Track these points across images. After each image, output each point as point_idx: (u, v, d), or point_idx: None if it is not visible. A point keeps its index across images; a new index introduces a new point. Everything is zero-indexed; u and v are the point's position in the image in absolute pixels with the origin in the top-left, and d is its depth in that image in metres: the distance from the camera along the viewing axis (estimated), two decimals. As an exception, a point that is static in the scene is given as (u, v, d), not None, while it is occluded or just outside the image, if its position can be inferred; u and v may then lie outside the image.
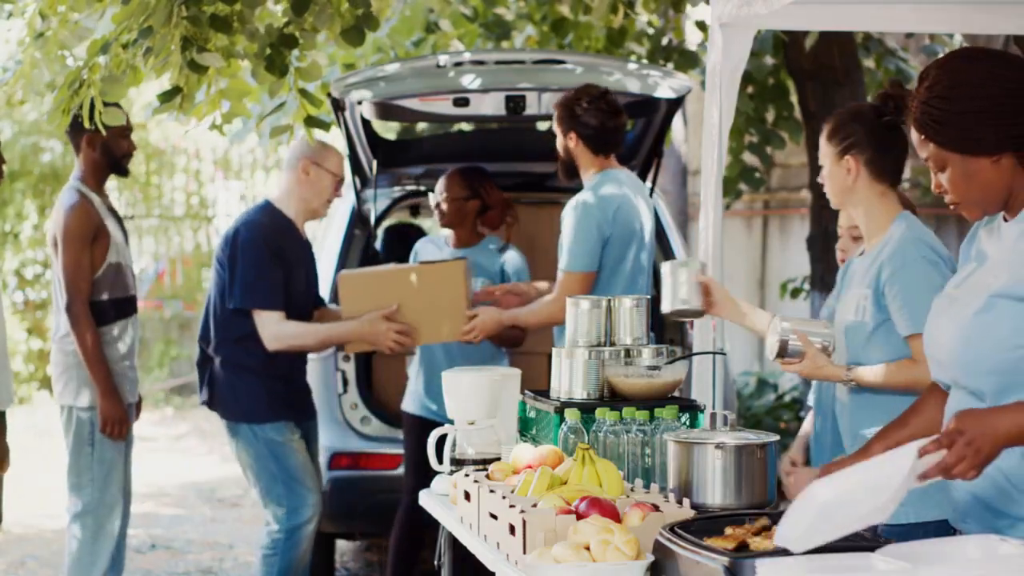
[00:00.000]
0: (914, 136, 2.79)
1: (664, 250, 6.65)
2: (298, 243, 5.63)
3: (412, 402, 5.93)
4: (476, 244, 6.05)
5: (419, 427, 5.75)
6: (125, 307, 5.59)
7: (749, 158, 8.83)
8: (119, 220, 5.73)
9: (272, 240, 5.49)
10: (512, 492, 3.35)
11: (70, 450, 5.50)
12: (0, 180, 5.18)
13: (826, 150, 3.79)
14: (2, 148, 5.45)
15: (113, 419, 5.42)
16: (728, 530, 2.74)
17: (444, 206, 5.97)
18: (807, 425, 4.26)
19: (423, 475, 5.66)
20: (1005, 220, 2.80)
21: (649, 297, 4.31)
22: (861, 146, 3.72)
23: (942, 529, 3.05)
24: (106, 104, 5.12)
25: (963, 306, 2.77)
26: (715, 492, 3.22)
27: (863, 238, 3.98)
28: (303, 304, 5.61)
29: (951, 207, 2.81)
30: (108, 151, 5.63)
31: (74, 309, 5.39)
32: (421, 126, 9.34)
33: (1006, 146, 2.70)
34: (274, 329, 5.44)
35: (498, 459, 3.83)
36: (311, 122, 5.69)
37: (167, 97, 5.29)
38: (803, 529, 2.51)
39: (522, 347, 6.37)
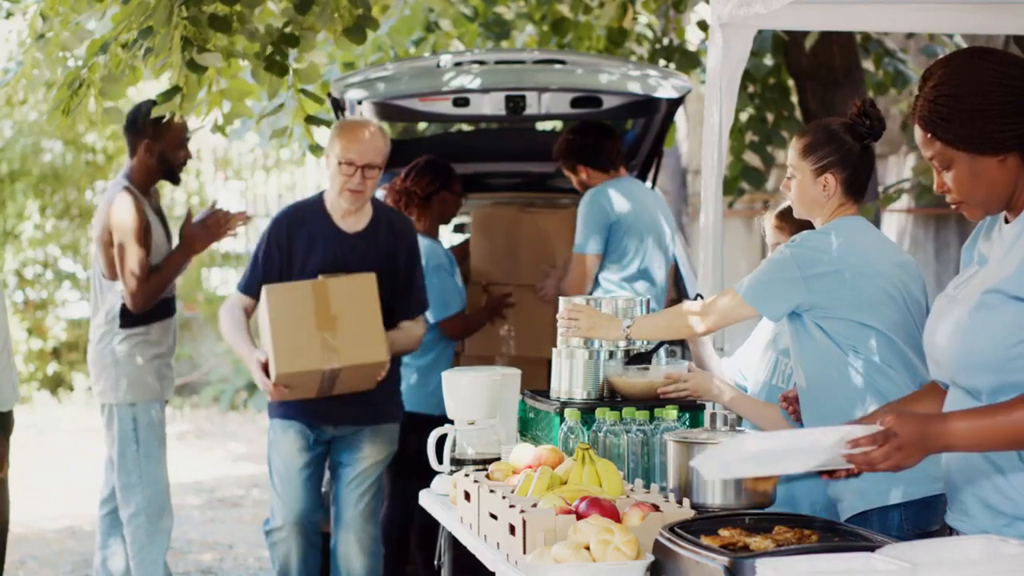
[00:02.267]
0: (918, 134, 2.78)
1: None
2: (326, 236, 5.20)
3: None
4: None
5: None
6: (164, 309, 5.61)
7: (750, 157, 8.83)
8: (164, 222, 5.73)
9: (281, 226, 5.23)
10: (512, 492, 3.35)
11: (117, 450, 5.52)
12: None
13: (800, 164, 3.72)
14: (2, 148, 5.48)
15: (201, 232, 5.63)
16: (723, 531, 2.74)
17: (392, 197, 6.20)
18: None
19: (409, 474, 5.71)
20: (1007, 222, 2.81)
21: (648, 299, 4.31)
22: (840, 166, 3.68)
23: (930, 506, 3.07)
24: (167, 114, 5.19)
25: (961, 305, 2.78)
26: (715, 492, 3.22)
27: None
28: None
29: (953, 207, 2.81)
30: (165, 159, 5.62)
31: (140, 295, 5.44)
32: (421, 126, 9.33)
33: (1012, 145, 2.71)
34: (224, 309, 5.23)
35: (498, 459, 3.83)
36: (311, 120, 5.69)
37: (167, 97, 5.29)
38: (721, 464, 2.72)
39: (522, 348, 6.38)
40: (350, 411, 5.20)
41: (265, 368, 4.97)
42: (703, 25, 8.39)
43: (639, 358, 4.14)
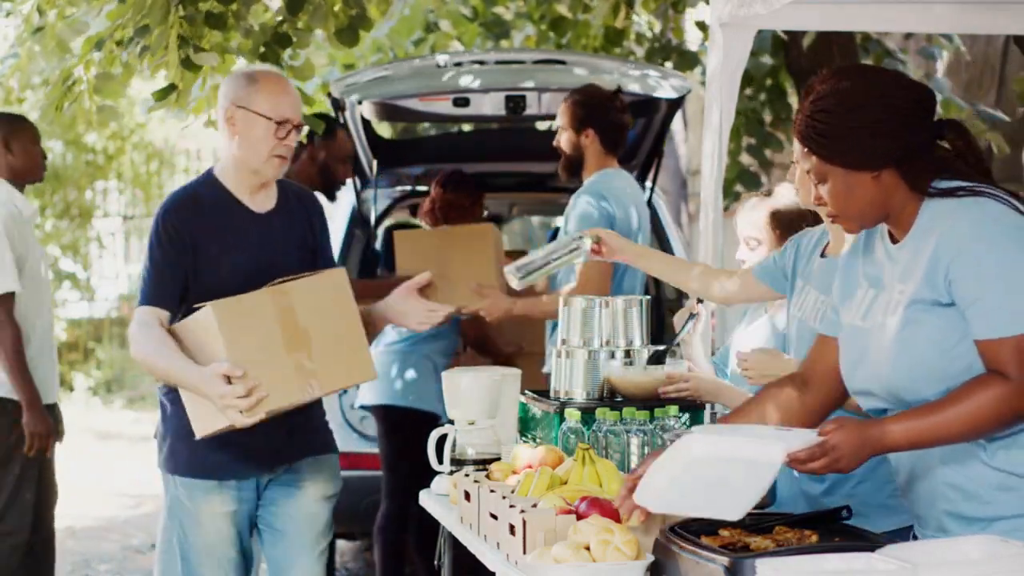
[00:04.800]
0: (796, 148, 2.83)
1: (664, 250, 6.65)
2: (236, 221, 4.07)
3: (385, 394, 5.95)
4: None
5: (392, 419, 5.84)
6: None
7: (747, 159, 8.83)
8: None
9: (175, 216, 4.02)
10: (512, 492, 3.35)
11: None
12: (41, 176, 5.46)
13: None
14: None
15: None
16: (723, 531, 2.74)
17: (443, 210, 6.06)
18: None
19: (408, 472, 5.70)
20: (894, 243, 2.82)
21: (647, 298, 4.31)
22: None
23: (902, 537, 3.07)
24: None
25: (881, 329, 2.79)
26: (715, 492, 3.22)
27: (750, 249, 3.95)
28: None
29: (830, 219, 2.85)
30: (327, 171, 5.47)
31: None
32: (421, 126, 9.35)
33: (887, 162, 2.73)
34: (134, 329, 3.94)
35: (498, 459, 3.83)
36: (305, 120, 5.70)
37: (163, 94, 5.29)
38: (660, 491, 2.75)
39: (522, 346, 6.38)
40: (285, 448, 4.10)
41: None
42: (702, 25, 8.40)
43: (656, 358, 4.13)
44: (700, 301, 4.21)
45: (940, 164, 2.77)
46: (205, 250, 4.01)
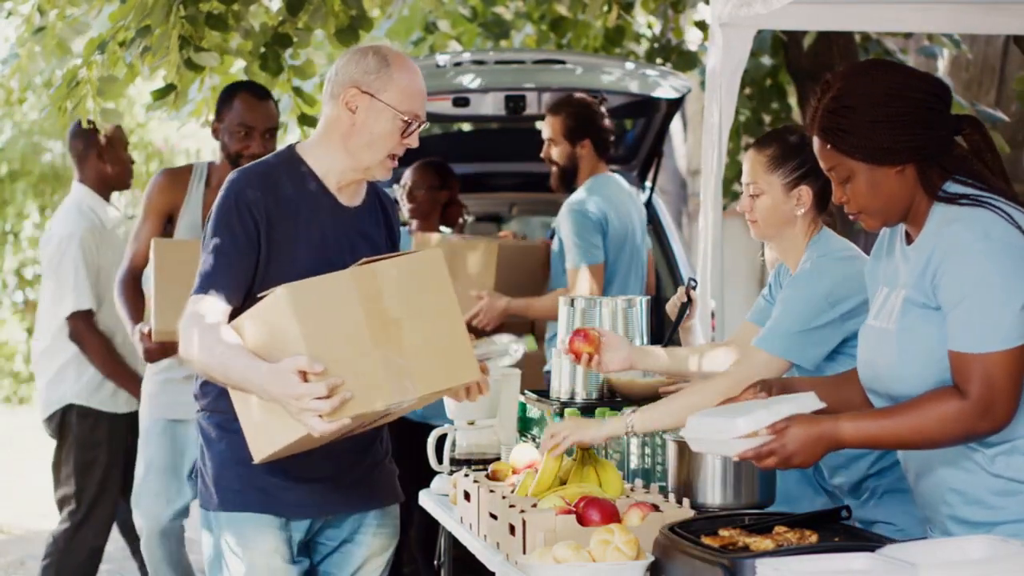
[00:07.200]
0: (816, 145, 2.80)
1: (664, 250, 6.65)
2: (319, 212, 3.39)
3: None
4: None
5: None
6: None
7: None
8: None
9: (252, 188, 3.33)
10: (512, 492, 3.36)
11: None
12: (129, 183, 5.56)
13: (768, 179, 3.51)
14: (2, 148, 5.51)
15: None
16: (723, 531, 2.75)
17: (417, 195, 5.99)
18: None
19: (405, 473, 5.69)
20: (908, 241, 2.83)
21: (647, 298, 4.32)
22: (815, 175, 3.46)
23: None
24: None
25: (884, 331, 2.80)
26: (715, 492, 3.23)
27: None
28: None
29: (851, 217, 2.84)
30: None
31: None
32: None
33: (909, 156, 2.74)
34: (186, 322, 3.21)
35: (498, 459, 3.83)
36: (304, 120, 5.70)
37: (162, 94, 5.30)
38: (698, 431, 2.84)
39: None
40: (351, 491, 3.48)
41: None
42: (702, 25, 8.40)
43: None
44: (692, 287, 4.22)
45: (958, 163, 2.77)
46: (279, 239, 3.33)
